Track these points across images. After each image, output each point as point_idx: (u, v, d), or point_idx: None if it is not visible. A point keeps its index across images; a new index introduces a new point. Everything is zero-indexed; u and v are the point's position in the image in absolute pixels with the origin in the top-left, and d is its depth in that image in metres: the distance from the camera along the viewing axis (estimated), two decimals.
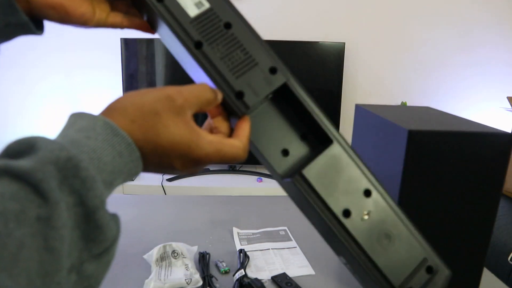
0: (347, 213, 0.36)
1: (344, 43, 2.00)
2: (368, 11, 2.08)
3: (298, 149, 0.39)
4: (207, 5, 0.36)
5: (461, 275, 0.59)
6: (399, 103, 2.18)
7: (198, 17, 0.36)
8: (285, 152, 0.38)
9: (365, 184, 0.37)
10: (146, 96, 0.32)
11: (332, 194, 0.36)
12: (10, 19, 0.37)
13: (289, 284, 0.65)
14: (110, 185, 0.29)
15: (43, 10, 0.37)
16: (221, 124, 0.36)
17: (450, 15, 2.09)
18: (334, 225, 0.36)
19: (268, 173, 2.20)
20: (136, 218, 0.90)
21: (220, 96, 0.35)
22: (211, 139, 0.34)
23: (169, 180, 2.07)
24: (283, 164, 0.38)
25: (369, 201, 0.36)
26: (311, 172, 0.36)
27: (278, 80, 0.36)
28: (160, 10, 0.35)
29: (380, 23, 2.10)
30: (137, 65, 1.95)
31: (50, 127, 2.00)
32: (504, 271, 1.27)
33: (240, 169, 2.22)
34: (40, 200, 0.22)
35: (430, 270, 0.37)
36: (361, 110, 0.73)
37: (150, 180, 2.08)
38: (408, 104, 2.17)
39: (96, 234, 0.26)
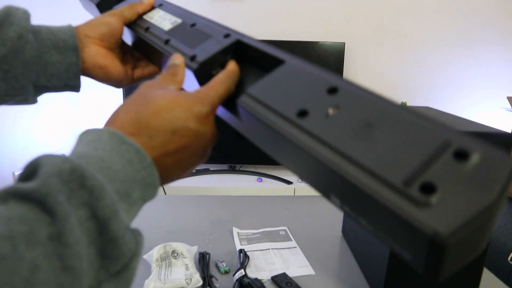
0: (303, 113, 0.29)
1: (344, 43, 2.00)
2: (368, 11, 2.08)
3: None
4: (179, 20, 0.47)
5: (461, 275, 0.59)
6: (399, 103, 2.18)
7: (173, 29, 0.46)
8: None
9: (328, 82, 0.30)
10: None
11: (284, 102, 0.31)
12: (70, 82, 0.46)
13: (289, 284, 0.65)
14: (126, 196, 0.28)
15: (92, 70, 0.47)
16: None
17: (450, 15, 2.09)
18: (286, 130, 0.28)
19: (268, 173, 2.20)
20: (136, 218, 0.90)
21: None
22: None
23: None
24: None
25: (335, 97, 0.29)
26: (257, 88, 0.33)
27: (231, 40, 0.39)
28: (165, 48, 0.44)
29: (380, 22, 2.10)
30: None
31: (49, 128, 2.00)
32: (504, 271, 1.27)
33: (240, 169, 2.22)
34: (49, 218, 0.21)
35: (461, 155, 0.22)
36: None
37: None
38: (408, 104, 2.17)
39: (112, 249, 0.24)
